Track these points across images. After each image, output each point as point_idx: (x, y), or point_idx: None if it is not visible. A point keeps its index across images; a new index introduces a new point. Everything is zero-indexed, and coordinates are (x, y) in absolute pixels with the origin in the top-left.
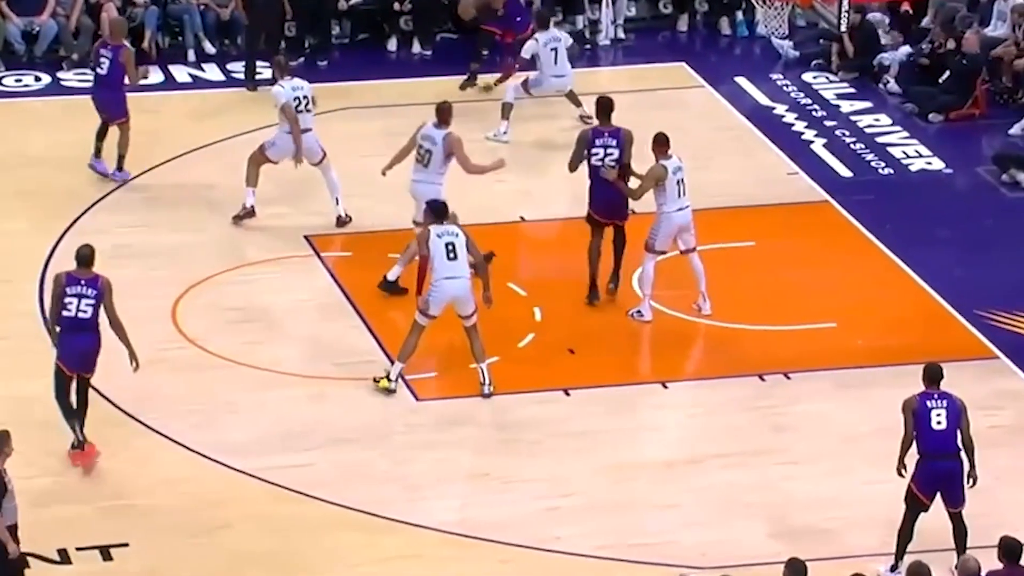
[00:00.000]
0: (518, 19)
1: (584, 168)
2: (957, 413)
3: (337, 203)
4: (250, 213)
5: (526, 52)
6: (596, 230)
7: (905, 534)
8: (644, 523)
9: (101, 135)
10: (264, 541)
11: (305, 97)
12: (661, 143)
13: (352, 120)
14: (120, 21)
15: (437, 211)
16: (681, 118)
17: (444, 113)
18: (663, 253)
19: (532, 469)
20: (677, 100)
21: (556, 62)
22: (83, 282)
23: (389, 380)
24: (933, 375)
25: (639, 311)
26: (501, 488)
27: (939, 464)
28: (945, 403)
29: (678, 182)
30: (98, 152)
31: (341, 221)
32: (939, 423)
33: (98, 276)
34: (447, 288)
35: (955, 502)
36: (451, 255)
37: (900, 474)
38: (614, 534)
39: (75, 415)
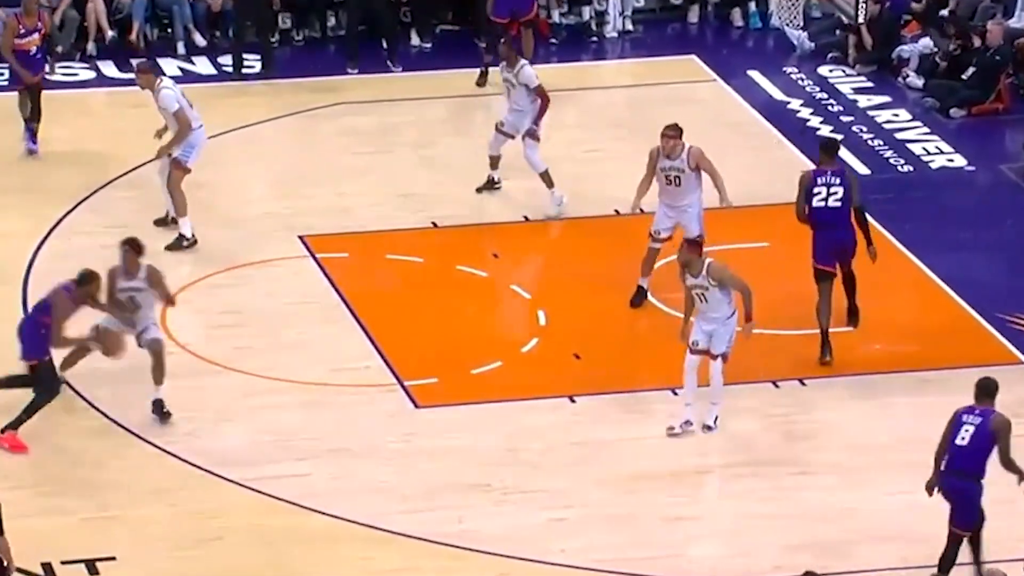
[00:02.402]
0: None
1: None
2: None
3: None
4: (193, 243)
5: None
6: (824, 284)
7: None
8: (651, 536)
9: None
10: (257, 554)
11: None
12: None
13: (348, 115)
14: None
15: None
16: (691, 113)
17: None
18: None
19: (535, 479)
20: (687, 95)
21: None
22: None
23: None
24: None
25: None
26: (502, 499)
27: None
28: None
29: None
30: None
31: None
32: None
33: None
34: None
35: None
36: None
37: None
38: (620, 547)
39: None
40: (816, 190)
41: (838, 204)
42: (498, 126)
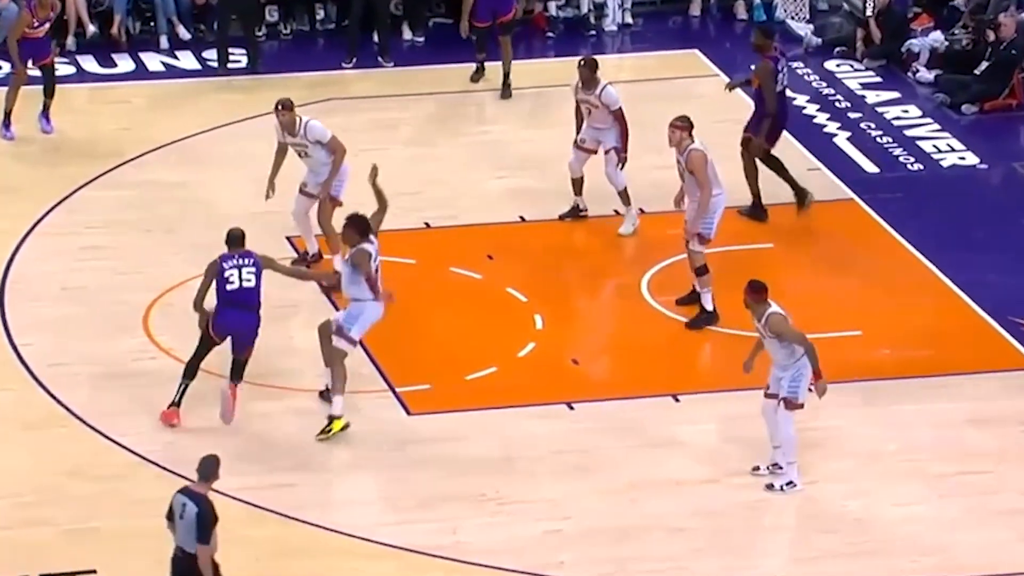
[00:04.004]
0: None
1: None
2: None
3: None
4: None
5: None
6: (773, 161)
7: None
8: (652, 548)
9: None
10: (244, 567)
11: None
12: None
13: (339, 112)
14: None
15: None
16: (693, 109)
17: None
18: None
19: (532, 489)
20: (689, 90)
21: None
22: None
23: None
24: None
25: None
26: (498, 509)
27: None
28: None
29: None
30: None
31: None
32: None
33: None
34: None
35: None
36: None
37: None
38: (620, 560)
39: None
40: (779, 77)
41: (786, 84)
42: (578, 143)
